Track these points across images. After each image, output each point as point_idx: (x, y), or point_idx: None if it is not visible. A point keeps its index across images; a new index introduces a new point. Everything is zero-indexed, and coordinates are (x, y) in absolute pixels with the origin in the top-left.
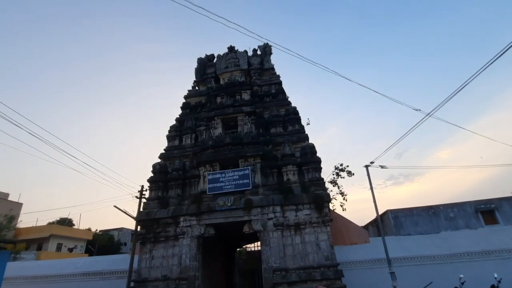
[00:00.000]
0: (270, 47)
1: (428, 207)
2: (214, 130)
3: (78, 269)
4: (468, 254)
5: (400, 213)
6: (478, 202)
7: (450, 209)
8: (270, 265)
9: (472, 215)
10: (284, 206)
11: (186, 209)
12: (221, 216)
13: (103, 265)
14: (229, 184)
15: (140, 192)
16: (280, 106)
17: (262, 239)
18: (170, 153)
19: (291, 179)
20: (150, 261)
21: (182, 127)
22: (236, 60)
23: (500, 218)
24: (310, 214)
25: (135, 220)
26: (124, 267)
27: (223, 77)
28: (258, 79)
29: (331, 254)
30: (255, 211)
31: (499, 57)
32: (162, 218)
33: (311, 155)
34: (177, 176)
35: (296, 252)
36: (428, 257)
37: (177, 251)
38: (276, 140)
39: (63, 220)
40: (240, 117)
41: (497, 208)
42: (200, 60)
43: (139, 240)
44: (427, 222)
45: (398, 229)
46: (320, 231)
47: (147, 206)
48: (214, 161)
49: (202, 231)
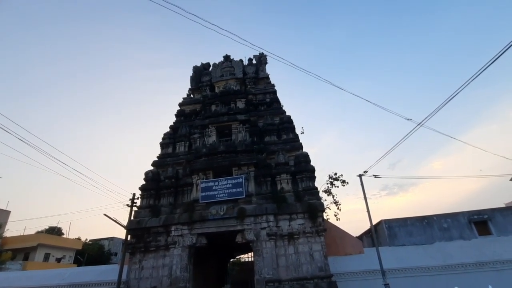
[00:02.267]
0: (266, 57)
1: (422, 217)
2: (208, 138)
3: (64, 280)
4: (462, 265)
5: (394, 223)
6: (471, 213)
7: (444, 220)
8: (263, 276)
9: (466, 226)
10: (277, 216)
11: (178, 218)
12: (214, 225)
13: (90, 276)
14: (222, 193)
15: (132, 200)
16: (275, 114)
17: (255, 249)
18: (163, 160)
19: (285, 188)
20: (139, 272)
21: (176, 135)
22: (231, 69)
23: (493, 229)
24: (304, 223)
25: (125, 229)
26: (113, 278)
27: (218, 86)
28: (253, 88)
29: (325, 265)
30: (248, 220)
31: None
32: (153, 227)
33: (305, 163)
34: (169, 184)
35: (290, 263)
36: (422, 268)
37: (168, 261)
38: (270, 148)
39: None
40: (234, 125)
41: (490, 218)
42: (195, 68)
43: (129, 250)
44: (421, 232)
45: (392, 239)
46: (314, 241)
47: (138, 215)
48: (208, 169)
49: (194, 241)
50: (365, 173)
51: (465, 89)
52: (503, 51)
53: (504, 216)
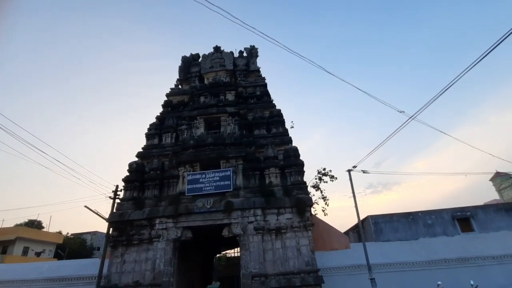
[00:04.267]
0: (257, 50)
1: (408, 214)
2: (196, 129)
3: (42, 274)
4: (445, 261)
5: (380, 219)
6: (455, 210)
7: (428, 216)
8: (249, 271)
9: (449, 222)
10: (265, 210)
11: (163, 211)
12: (200, 218)
13: (70, 270)
14: (209, 186)
15: (115, 192)
16: (265, 108)
17: (241, 243)
18: (148, 152)
19: (274, 182)
20: (121, 266)
21: (163, 126)
22: (221, 60)
23: (476, 225)
24: (291, 218)
25: (107, 222)
26: (93, 272)
27: (207, 77)
28: (243, 80)
29: (311, 259)
30: (235, 214)
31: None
32: (136, 219)
33: (294, 158)
34: (154, 176)
35: (277, 257)
36: (407, 263)
37: (151, 255)
38: (260, 142)
39: (31, 222)
40: (223, 118)
41: (473, 216)
42: (184, 59)
43: (111, 243)
44: (406, 228)
45: (378, 235)
46: (301, 236)
47: (121, 207)
48: (195, 161)
49: (178, 234)
50: (354, 168)
51: (448, 91)
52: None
53: (486, 213)
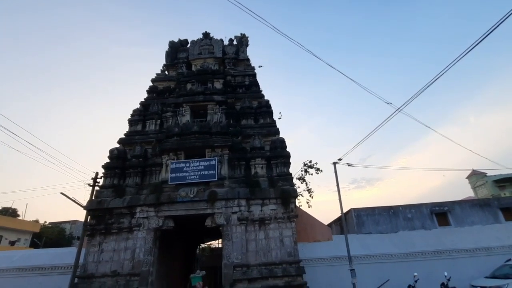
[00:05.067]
0: (247, 38)
1: (389, 207)
2: (182, 117)
3: (13, 263)
4: (422, 253)
5: (362, 212)
6: (433, 205)
7: (408, 210)
8: (231, 261)
9: (428, 217)
10: (250, 200)
11: (144, 199)
12: (183, 208)
13: (44, 259)
14: (193, 175)
15: (94, 179)
16: (253, 98)
17: (224, 233)
18: (131, 138)
19: (259, 172)
20: (98, 255)
21: (147, 112)
22: (210, 47)
23: (452, 220)
24: (276, 209)
25: (84, 209)
26: (69, 261)
27: (195, 64)
28: (232, 69)
29: (294, 250)
30: (219, 204)
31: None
32: (116, 208)
33: (280, 149)
34: (136, 164)
35: (259, 248)
36: (386, 255)
37: (131, 244)
38: (246, 132)
39: (5, 209)
40: (210, 106)
41: (450, 210)
42: (172, 44)
43: (88, 231)
44: (387, 221)
45: (360, 227)
46: (284, 227)
47: (100, 195)
48: (179, 149)
49: (160, 223)
50: (339, 161)
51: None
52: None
53: (462, 208)
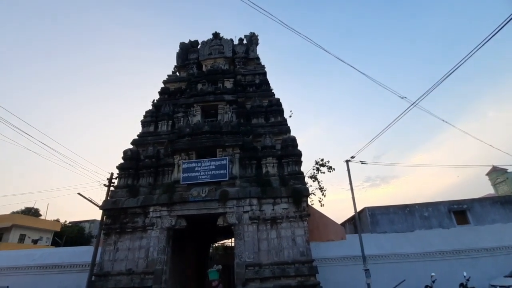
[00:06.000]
0: (257, 37)
1: (404, 206)
2: (193, 117)
3: (34, 261)
4: (440, 252)
5: (377, 211)
6: (451, 203)
7: (425, 209)
8: (243, 260)
9: (445, 215)
10: (261, 199)
11: (157, 199)
12: (195, 207)
13: (63, 257)
14: (204, 174)
15: (109, 180)
16: (263, 96)
17: (236, 232)
18: (143, 139)
19: (270, 171)
20: (114, 254)
21: (159, 113)
22: (220, 47)
23: (471, 218)
24: (287, 208)
25: (100, 209)
26: (87, 259)
27: (205, 64)
28: (242, 68)
29: (306, 249)
30: (230, 203)
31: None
32: (130, 207)
33: (292, 148)
34: (149, 164)
35: (271, 247)
36: (402, 255)
37: (145, 243)
38: (257, 131)
39: (28, 209)
40: (220, 106)
41: (469, 208)
42: (182, 45)
43: (104, 231)
44: (403, 220)
45: (375, 226)
46: (297, 226)
47: (115, 195)
48: (190, 149)
49: (173, 223)
50: (352, 159)
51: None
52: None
53: (482, 206)
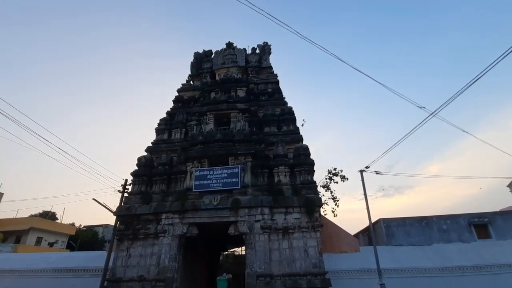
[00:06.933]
0: (270, 46)
1: (421, 218)
2: (206, 125)
3: (50, 265)
4: (460, 268)
5: (392, 223)
6: (472, 215)
7: (443, 221)
8: (254, 270)
9: (465, 228)
10: (273, 208)
11: (169, 206)
12: (206, 215)
13: (77, 261)
14: (216, 182)
15: (123, 186)
16: (276, 105)
17: (247, 242)
18: (157, 146)
19: (282, 180)
20: (126, 260)
21: (173, 121)
22: (233, 57)
23: (493, 232)
24: (300, 218)
25: (114, 215)
26: (100, 264)
27: (219, 73)
28: (255, 77)
29: (319, 261)
30: (242, 212)
31: None
32: (143, 214)
33: (304, 156)
34: (162, 171)
35: (283, 257)
36: (419, 269)
37: (156, 250)
38: (270, 139)
39: (45, 213)
40: (233, 114)
41: (490, 222)
42: (196, 55)
43: (117, 236)
44: (420, 233)
45: (390, 239)
46: (309, 237)
47: (128, 201)
48: (203, 157)
49: (184, 230)
50: (366, 169)
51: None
52: None
53: (504, 220)
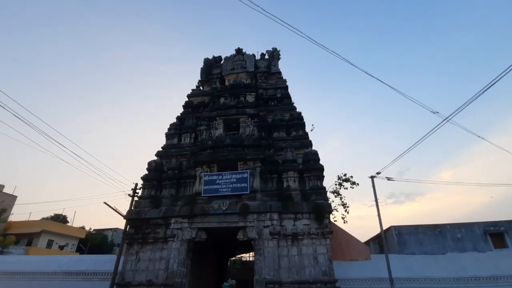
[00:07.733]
0: (279, 52)
1: (434, 226)
2: (215, 130)
3: (60, 268)
4: (475, 278)
5: (404, 230)
6: (487, 224)
7: (458, 230)
8: (263, 277)
9: (481, 237)
10: (282, 214)
11: (179, 211)
12: (215, 220)
13: (87, 264)
14: (225, 187)
15: (134, 190)
16: (285, 110)
17: (256, 248)
18: (167, 151)
19: (291, 186)
20: (135, 264)
21: (183, 126)
22: (243, 62)
23: (510, 242)
24: (309, 224)
25: (124, 219)
26: (109, 268)
27: (228, 79)
28: (264, 83)
29: (329, 269)
30: (251, 217)
31: None
32: (152, 218)
33: (313, 162)
34: (172, 176)
35: (292, 264)
36: (433, 279)
37: (165, 254)
38: (279, 144)
39: (57, 216)
40: (242, 119)
41: (507, 231)
42: (206, 61)
43: (127, 240)
44: (433, 241)
45: (402, 247)
46: (318, 244)
47: (138, 205)
48: (212, 162)
49: (193, 235)
50: (378, 175)
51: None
52: None
53: None
